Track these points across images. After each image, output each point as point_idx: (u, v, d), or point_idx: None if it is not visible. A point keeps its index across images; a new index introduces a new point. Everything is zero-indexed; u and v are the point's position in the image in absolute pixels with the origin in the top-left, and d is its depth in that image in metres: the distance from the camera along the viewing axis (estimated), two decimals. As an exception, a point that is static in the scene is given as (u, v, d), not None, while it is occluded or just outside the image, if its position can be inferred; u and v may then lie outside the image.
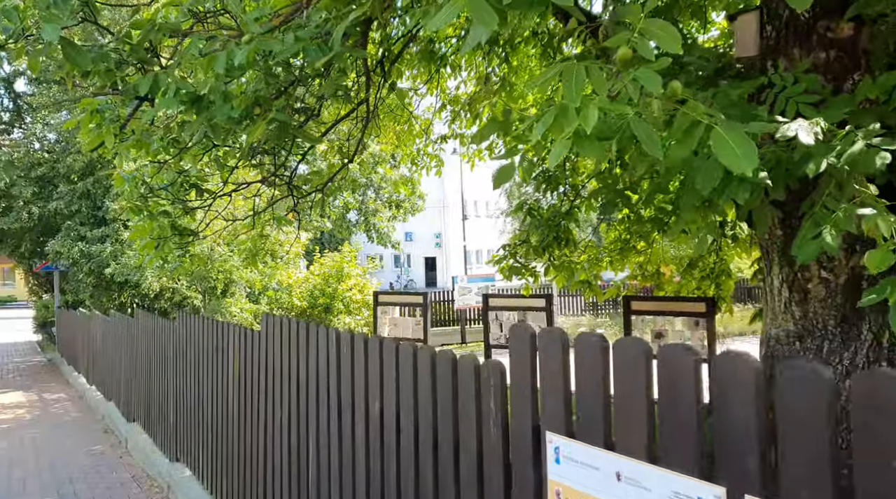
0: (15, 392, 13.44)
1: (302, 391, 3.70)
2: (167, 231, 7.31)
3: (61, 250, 15.10)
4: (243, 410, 4.61)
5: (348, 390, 3.20)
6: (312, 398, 3.57)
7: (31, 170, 16.83)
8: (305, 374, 3.66)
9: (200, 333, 5.66)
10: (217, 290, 13.46)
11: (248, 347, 4.54)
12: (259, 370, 4.31)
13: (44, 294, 26.32)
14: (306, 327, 3.69)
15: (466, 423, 2.38)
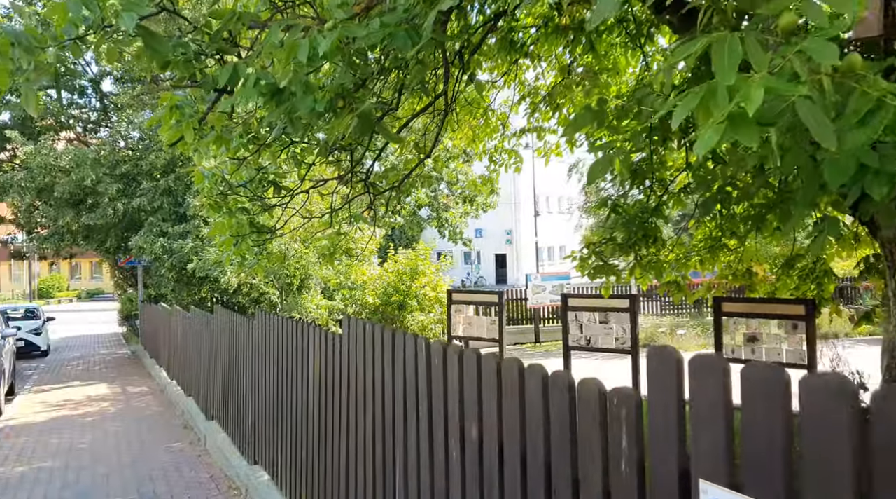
0: (100, 384, 13.83)
1: (388, 403, 3.43)
2: (245, 228, 7.22)
3: (144, 246, 15.46)
4: (324, 416, 4.39)
5: (441, 408, 2.90)
6: (400, 412, 3.28)
7: (116, 167, 17.32)
8: (391, 385, 3.38)
9: (280, 332, 5.49)
10: (293, 286, 13.47)
11: (328, 350, 4.31)
12: (341, 377, 4.07)
13: (128, 288, 27.29)
14: (392, 335, 3.41)
15: (588, 458, 2.03)
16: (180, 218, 16.47)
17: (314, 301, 12.90)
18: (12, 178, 16.07)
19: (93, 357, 19.48)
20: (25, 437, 9.12)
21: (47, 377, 15.58)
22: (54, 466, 7.56)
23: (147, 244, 15.47)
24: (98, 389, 13.25)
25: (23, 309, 23.72)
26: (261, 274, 13.74)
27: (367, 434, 3.68)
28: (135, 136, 19.28)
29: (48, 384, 14.35)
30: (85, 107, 20.81)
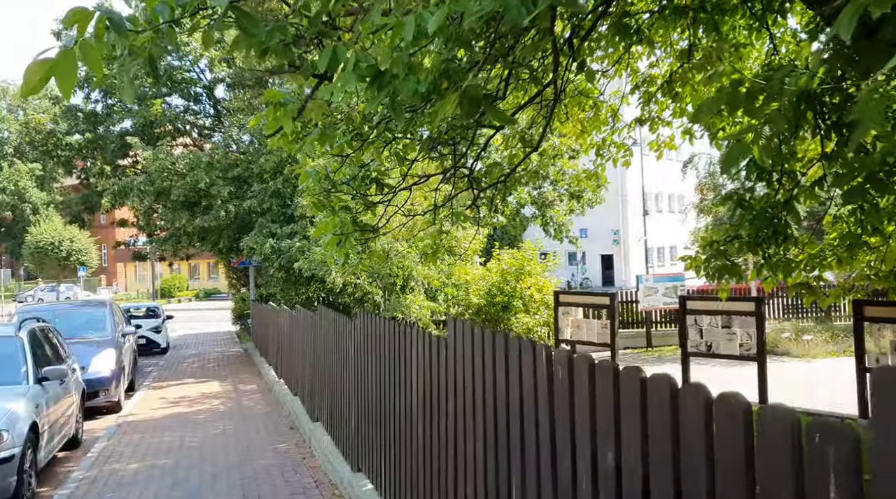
0: (213, 382, 14.22)
1: (501, 417, 3.03)
2: (348, 227, 7.04)
3: (254, 246, 15.83)
4: (428, 426, 4.05)
5: (566, 429, 2.47)
6: (516, 429, 2.88)
7: (228, 171, 17.87)
8: (505, 397, 2.98)
9: (380, 333, 5.22)
10: (396, 286, 13.35)
11: (431, 355, 3.97)
12: (446, 384, 3.72)
13: (241, 287, 28.31)
14: (505, 340, 3.01)
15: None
16: (288, 219, 16.76)
17: (417, 301, 12.71)
18: (132, 181, 16.90)
19: (208, 355, 20.23)
20: (141, 433, 9.37)
21: (165, 374, 16.23)
22: (166, 463, 7.66)
23: (257, 245, 15.82)
24: (211, 386, 13.61)
25: (144, 308, 25.03)
26: (364, 273, 13.71)
27: (476, 449, 3.30)
28: (245, 140, 19.88)
29: (165, 381, 14.91)
30: (200, 113, 21.69)
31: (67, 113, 21.26)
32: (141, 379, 15.73)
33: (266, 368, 15.03)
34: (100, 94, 21.33)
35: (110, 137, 21.16)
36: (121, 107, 20.81)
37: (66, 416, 8.30)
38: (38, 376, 7.44)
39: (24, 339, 7.71)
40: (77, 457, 8.43)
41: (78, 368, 9.81)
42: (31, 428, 6.67)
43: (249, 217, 17.52)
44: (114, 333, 12.61)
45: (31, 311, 13.15)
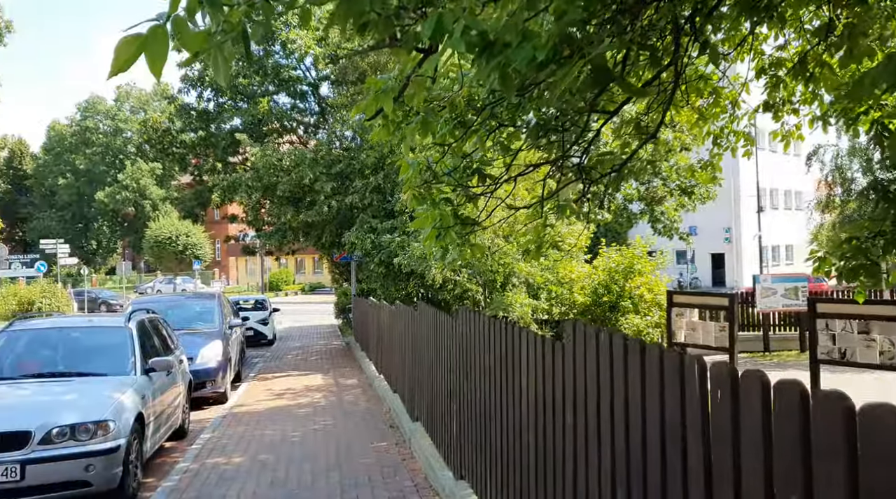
0: (316, 375, 14.31)
1: (635, 440, 2.55)
2: (449, 220, 6.69)
3: (355, 241, 15.85)
4: (542, 440, 3.61)
5: (726, 461, 1.97)
6: (655, 457, 2.40)
7: (332, 166, 18.01)
8: (640, 416, 2.50)
9: (485, 334, 4.82)
10: (496, 283, 12.94)
11: (545, 360, 3.53)
12: (563, 394, 3.26)
13: (343, 282, 28.76)
14: (641, 349, 2.53)
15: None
16: (388, 214, 16.69)
17: (518, 299, 12.24)
18: (241, 177, 17.33)
19: (311, 347, 20.55)
20: (245, 426, 9.41)
21: (271, 365, 16.53)
22: (267, 459, 7.59)
23: (358, 240, 15.82)
24: (314, 379, 13.68)
25: (252, 300, 25.79)
26: (464, 270, 13.37)
27: (602, 477, 2.84)
28: (348, 135, 20.02)
29: (271, 373, 15.15)
30: (305, 111, 22.06)
31: (181, 111, 22.15)
32: (248, 370, 16.08)
33: (366, 362, 15.01)
34: (211, 93, 22.07)
35: (221, 135, 21.87)
36: (231, 105, 21.46)
37: (172, 406, 8.41)
38: (145, 366, 7.53)
39: (132, 329, 7.83)
40: (183, 448, 8.53)
41: (185, 359, 9.99)
42: (137, 419, 6.72)
43: (351, 212, 17.59)
44: (221, 325, 12.87)
45: (145, 302, 13.67)
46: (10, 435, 5.89)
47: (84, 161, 73.44)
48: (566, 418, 3.20)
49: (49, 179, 73.54)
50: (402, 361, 9.15)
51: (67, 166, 73.32)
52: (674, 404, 2.27)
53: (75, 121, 76.61)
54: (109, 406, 6.40)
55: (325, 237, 18.22)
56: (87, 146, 74.27)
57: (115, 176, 71.56)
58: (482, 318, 4.88)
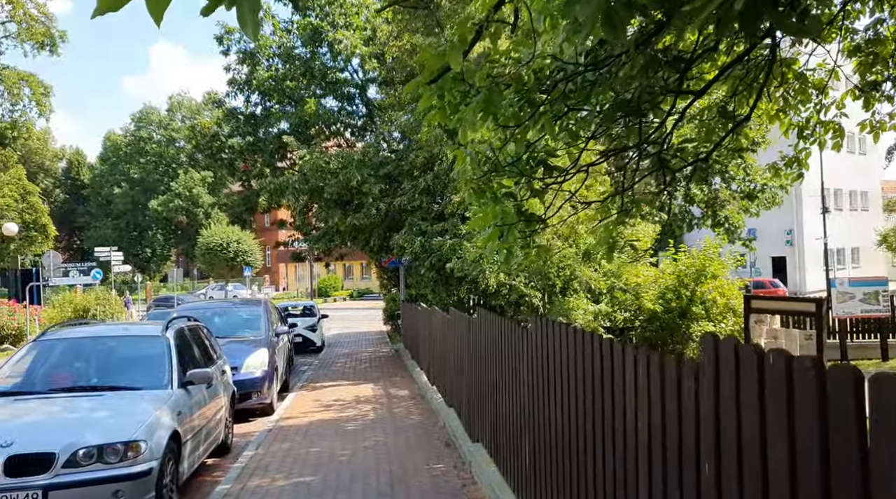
0: (366, 384, 13.66)
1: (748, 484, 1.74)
2: (512, 217, 5.93)
3: (405, 245, 15.19)
4: (644, 478, 2.81)
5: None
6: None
7: (380, 168, 17.43)
8: (787, 447, 1.69)
9: (572, 348, 4.03)
10: (556, 287, 12.09)
11: (668, 388, 2.73)
12: (698, 438, 2.46)
13: (392, 288, 28.18)
14: (786, 366, 1.73)
15: None
16: (438, 217, 16.00)
17: (581, 305, 11.36)
18: (288, 180, 16.87)
19: (360, 355, 19.97)
20: (290, 441, 8.78)
21: (319, 374, 15.97)
22: (313, 481, 6.91)
23: (407, 243, 15.16)
24: (363, 389, 13.04)
25: (301, 306, 25.41)
26: (522, 274, 12.56)
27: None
28: (396, 136, 19.43)
29: (319, 382, 14.57)
30: (353, 114, 21.58)
31: (228, 116, 21.90)
32: (295, 378, 15.55)
33: (417, 371, 14.31)
34: (258, 97, 21.78)
35: (268, 139, 21.55)
36: (278, 109, 21.11)
37: (213, 421, 7.82)
38: (182, 379, 6.94)
39: (170, 339, 7.26)
40: (225, 466, 7.94)
41: (228, 368, 9.43)
42: (173, 438, 6.12)
43: (399, 215, 16.96)
44: (267, 332, 12.33)
45: (189, 308, 13.23)
46: (33, 457, 5.33)
47: (138, 170, 74.99)
48: (703, 469, 2.39)
49: (105, 189, 75.30)
50: (459, 373, 8.39)
51: (122, 176, 74.97)
52: (812, 434, 1.45)
53: (129, 131, 78.37)
54: (142, 425, 5.81)
55: (372, 241, 17.62)
56: (141, 156, 75.83)
57: (168, 184, 72.85)
58: (569, 330, 4.09)
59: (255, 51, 21.15)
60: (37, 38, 31.60)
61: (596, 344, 3.56)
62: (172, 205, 73.36)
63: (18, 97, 31.98)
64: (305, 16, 20.61)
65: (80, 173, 79.86)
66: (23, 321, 28.06)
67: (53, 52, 32.27)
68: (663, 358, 2.76)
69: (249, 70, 21.45)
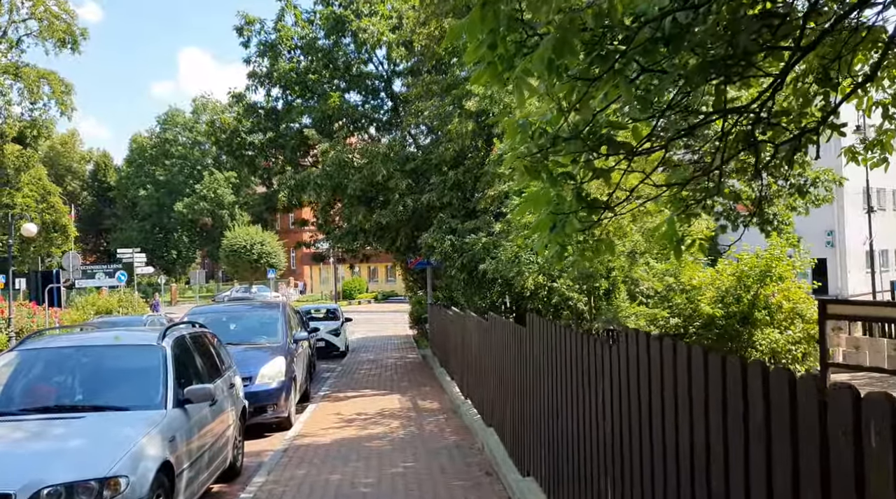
0: (392, 395, 12.57)
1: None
2: (571, 203, 4.80)
3: (433, 244, 14.08)
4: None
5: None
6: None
7: (406, 163, 16.37)
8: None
9: (698, 376, 2.89)
10: (600, 289, 10.88)
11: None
12: None
13: (418, 290, 27.10)
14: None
15: None
16: (469, 214, 14.86)
17: (634, 309, 10.14)
18: (309, 175, 15.84)
19: (385, 361, 18.92)
20: (307, 466, 7.69)
21: (342, 382, 14.93)
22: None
23: (436, 242, 14.05)
24: (389, 401, 11.96)
25: (324, 310, 24.43)
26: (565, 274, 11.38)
27: None
28: (423, 129, 18.36)
29: (341, 391, 13.53)
30: (378, 108, 20.54)
31: (249, 111, 20.99)
32: (317, 386, 14.54)
33: (447, 380, 13.19)
34: (280, 90, 20.86)
35: (290, 135, 20.60)
36: (300, 104, 20.15)
37: (219, 443, 6.78)
38: (179, 396, 5.90)
39: (167, 349, 6.22)
40: (233, 493, 6.91)
41: (239, 380, 8.40)
42: (163, 469, 5.07)
43: (427, 212, 15.87)
44: (285, 338, 11.29)
45: (201, 311, 12.27)
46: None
47: (163, 172, 74.89)
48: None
49: (130, 191, 75.28)
50: (501, 389, 7.26)
51: (147, 178, 74.91)
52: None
53: (155, 133, 78.38)
54: (124, 455, 4.77)
55: (399, 240, 16.54)
56: (166, 158, 75.75)
57: (192, 187, 72.62)
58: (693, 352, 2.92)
59: (276, 42, 20.22)
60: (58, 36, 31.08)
61: (737, 370, 2.41)
62: (197, 207, 73.03)
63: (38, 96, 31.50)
64: (328, 5, 19.63)
65: (106, 176, 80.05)
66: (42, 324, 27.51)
67: (75, 50, 31.77)
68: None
69: (270, 62, 20.52)
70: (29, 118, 33.00)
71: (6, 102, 31.68)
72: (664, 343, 3.13)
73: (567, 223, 4.74)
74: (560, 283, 11.52)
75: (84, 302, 34.77)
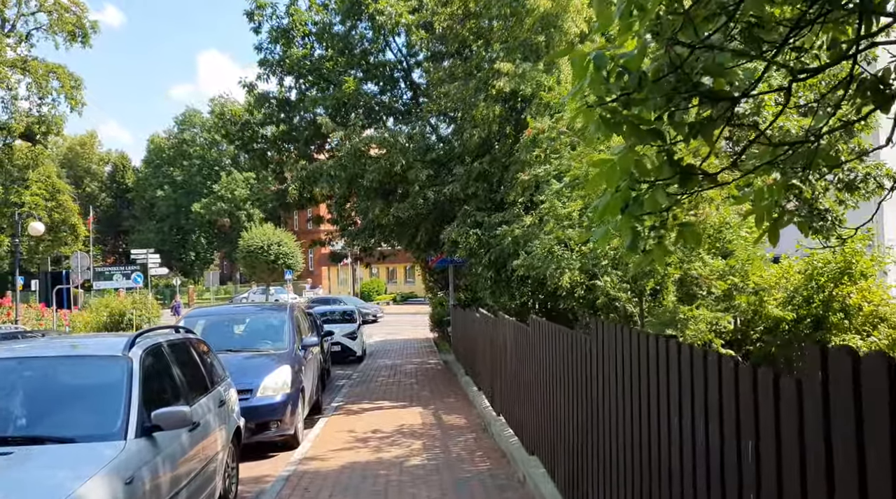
0: (412, 408, 11.25)
1: None
2: (662, 169, 3.47)
3: (457, 239, 12.76)
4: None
5: None
6: None
7: (427, 153, 15.06)
8: None
9: None
10: (646, 289, 9.47)
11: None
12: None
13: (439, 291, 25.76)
14: None
15: None
16: (496, 206, 13.52)
17: (695, 312, 8.72)
18: (322, 166, 14.56)
19: (404, 367, 17.63)
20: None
21: (357, 391, 13.66)
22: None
23: (460, 237, 12.73)
24: (409, 415, 10.66)
25: (340, 312, 23.20)
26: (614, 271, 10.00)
27: None
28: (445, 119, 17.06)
29: (357, 402, 12.25)
30: (396, 97, 19.23)
31: (260, 101, 19.78)
32: (331, 395, 13.30)
33: (474, 391, 11.85)
34: (293, 79, 19.66)
35: (303, 125, 19.39)
36: (314, 93, 18.88)
37: (203, 476, 5.50)
38: (144, 423, 4.62)
39: (133, 362, 4.94)
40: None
41: (234, 394, 7.13)
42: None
43: (451, 206, 14.57)
44: (292, 345, 10.02)
45: (200, 314, 11.04)
46: None
47: (181, 173, 74.30)
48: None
49: (148, 192, 74.77)
50: (550, 411, 5.92)
51: (165, 178, 74.36)
52: None
53: (172, 134, 77.86)
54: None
55: (419, 235, 15.22)
56: (184, 159, 75.15)
57: (210, 187, 71.92)
58: None
59: (288, 27, 19.00)
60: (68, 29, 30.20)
61: None
62: (215, 208, 72.27)
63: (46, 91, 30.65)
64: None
65: (124, 177, 79.69)
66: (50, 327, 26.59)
67: (85, 44, 30.88)
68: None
69: (283, 49, 19.31)
70: (37, 114, 32.17)
71: (13, 97, 30.85)
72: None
73: (651, 199, 3.43)
74: (606, 281, 10.13)
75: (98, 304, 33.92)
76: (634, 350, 3.73)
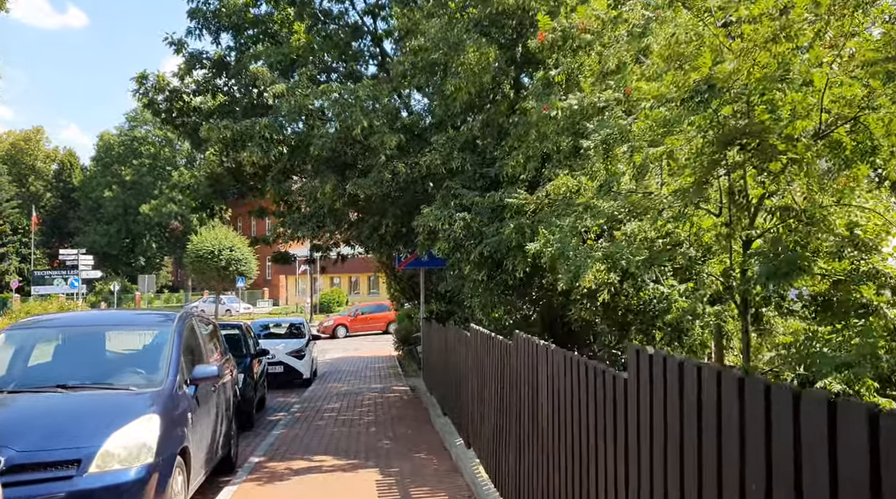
0: (366, 473, 7.45)
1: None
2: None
3: (437, 225, 9.09)
4: None
5: None
6: None
7: (397, 118, 11.37)
8: None
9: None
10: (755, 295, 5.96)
11: None
12: None
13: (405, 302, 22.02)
14: None
15: None
16: (490, 184, 9.90)
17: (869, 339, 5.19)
18: (253, 125, 10.71)
19: (360, 395, 13.83)
20: None
21: (294, 434, 9.84)
22: None
23: (440, 222, 9.04)
24: (360, 487, 6.89)
25: (286, 324, 19.34)
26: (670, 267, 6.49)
27: None
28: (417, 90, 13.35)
29: (288, 456, 8.45)
30: (359, 54, 15.47)
31: (192, 61, 15.86)
32: (256, 440, 9.51)
33: (459, 447, 8.08)
34: (230, 36, 15.84)
35: (242, 91, 15.55)
36: (256, 48, 15.04)
37: None
38: None
39: None
40: None
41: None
42: None
43: (427, 184, 10.95)
44: (173, 378, 6.14)
45: (27, 324, 7.08)
46: None
47: (131, 172, 69.49)
48: None
49: (95, 191, 69.74)
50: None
51: (114, 178, 69.45)
52: None
53: (123, 131, 72.97)
54: None
55: (384, 226, 11.46)
56: (134, 157, 70.33)
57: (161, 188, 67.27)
58: None
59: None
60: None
61: None
62: (165, 209, 67.51)
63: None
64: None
65: (71, 176, 74.42)
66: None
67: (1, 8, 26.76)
68: None
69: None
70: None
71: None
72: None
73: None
74: (668, 282, 6.51)
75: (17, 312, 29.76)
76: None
